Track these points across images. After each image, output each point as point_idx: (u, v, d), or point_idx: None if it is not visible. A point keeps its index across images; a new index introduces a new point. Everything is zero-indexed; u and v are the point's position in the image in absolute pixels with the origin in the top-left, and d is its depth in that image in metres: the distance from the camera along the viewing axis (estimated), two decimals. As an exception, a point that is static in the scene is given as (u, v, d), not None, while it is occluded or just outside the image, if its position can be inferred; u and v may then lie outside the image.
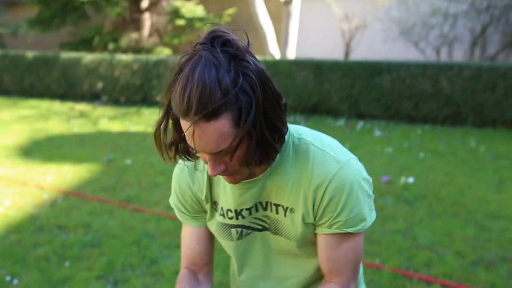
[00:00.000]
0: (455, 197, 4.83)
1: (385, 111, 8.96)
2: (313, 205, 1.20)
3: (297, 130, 1.23)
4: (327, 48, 13.02)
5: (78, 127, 8.44)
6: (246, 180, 1.22)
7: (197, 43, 1.02)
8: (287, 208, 1.23)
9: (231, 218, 1.29)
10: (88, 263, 3.44)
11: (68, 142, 7.31)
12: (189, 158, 1.18)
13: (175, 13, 13.10)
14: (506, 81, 8.13)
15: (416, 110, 8.76)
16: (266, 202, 1.25)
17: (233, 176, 1.15)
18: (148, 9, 13.85)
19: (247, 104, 1.00)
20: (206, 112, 0.97)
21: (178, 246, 3.68)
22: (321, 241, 1.23)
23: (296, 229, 1.24)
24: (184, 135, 1.10)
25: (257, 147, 1.06)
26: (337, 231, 1.20)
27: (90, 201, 4.66)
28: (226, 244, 1.36)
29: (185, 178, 1.32)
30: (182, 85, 0.99)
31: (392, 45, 12.04)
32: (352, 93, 9.06)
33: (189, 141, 1.04)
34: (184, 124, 1.02)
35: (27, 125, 8.52)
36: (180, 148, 1.15)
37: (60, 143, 7.23)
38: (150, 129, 8.17)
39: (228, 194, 1.26)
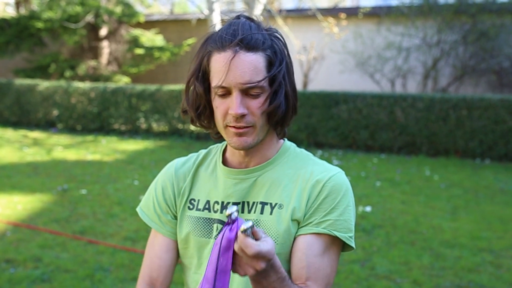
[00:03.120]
0: (412, 225, 4.91)
1: (343, 140, 9.12)
2: (308, 201, 1.22)
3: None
4: (286, 78, 13.16)
5: (32, 155, 8.18)
6: (240, 169, 1.28)
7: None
8: (275, 204, 1.24)
9: (216, 211, 1.28)
10: (38, 299, 3.28)
11: (20, 171, 7.05)
12: (203, 122, 1.26)
13: (134, 42, 13.06)
14: (457, 112, 8.45)
15: (373, 139, 8.96)
16: (253, 203, 1.25)
17: (246, 136, 1.19)
18: (106, 37, 13.75)
19: (280, 53, 1.18)
20: (248, 42, 1.14)
21: (134, 279, 3.56)
22: (304, 243, 1.20)
23: (280, 226, 1.21)
24: (209, 92, 1.21)
25: (283, 101, 1.19)
26: (325, 231, 1.19)
27: (42, 233, 4.48)
28: (202, 244, 1.28)
29: (171, 173, 1.36)
30: (227, 25, 1.17)
31: (348, 76, 12.35)
32: (310, 122, 9.19)
33: (223, 74, 1.14)
34: (222, 56, 1.14)
35: (-23, 154, 8.19)
36: (201, 107, 1.24)
37: (11, 172, 6.96)
38: (107, 158, 8.01)
39: (219, 185, 1.29)
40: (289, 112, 1.23)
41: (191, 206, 1.32)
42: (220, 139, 1.34)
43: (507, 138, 8.26)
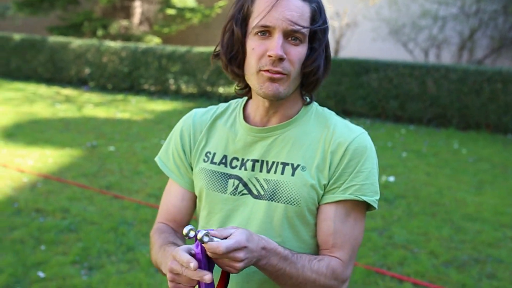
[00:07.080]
0: (434, 197, 4.89)
1: (371, 110, 9.01)
2: (331, 165, 1.19)
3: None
4: (317, 44, 12.97)
5: (63, 112, 8.38)
6: (261, 127, 1.25)
7: None
8: (297, 166, 1.20)
9: (234, 167, 1.26)
10: (64, 248, 3.43)
11: (52, 126, 7.25)
12: (234, 68, 1.21)
13: (166, 3, 13.00)
14: (492, 85, 8.21)
15: (402, 109, 8.82)
16: (273, 162, 1.23)
17: (279, 83, 1.16)
18: (139, -4, 13.71)
19: (324, 13, 1.19)
20: None
21: (155, 234, 3.68)
22: (330, 212, 1.19)
23: (303, 189, 1.19)
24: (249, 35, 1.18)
25: (320, 56, 1.19)
26: (352, 197, 1.17)
27: (70, 186, 4.64)
28: (215, 198, 1.27)
29: (189, 123, 1.35)
30: None
31: (381, 44, 12.08)
32: (339, 90, 9.09)
33: (268, 12, 1.12)
34: None
35: (12, 108, 8.43)
36: (238, 50, 1.20)
37: (44, 127, 7.16)
38: (136, 117, 8.14)
39: (238, 141, 1.27)
40: (325, 76, 1.22)
41: (206, 159, 1.30)
42: (244, 95, 1.32)
43: (541, 114, 8.02)
